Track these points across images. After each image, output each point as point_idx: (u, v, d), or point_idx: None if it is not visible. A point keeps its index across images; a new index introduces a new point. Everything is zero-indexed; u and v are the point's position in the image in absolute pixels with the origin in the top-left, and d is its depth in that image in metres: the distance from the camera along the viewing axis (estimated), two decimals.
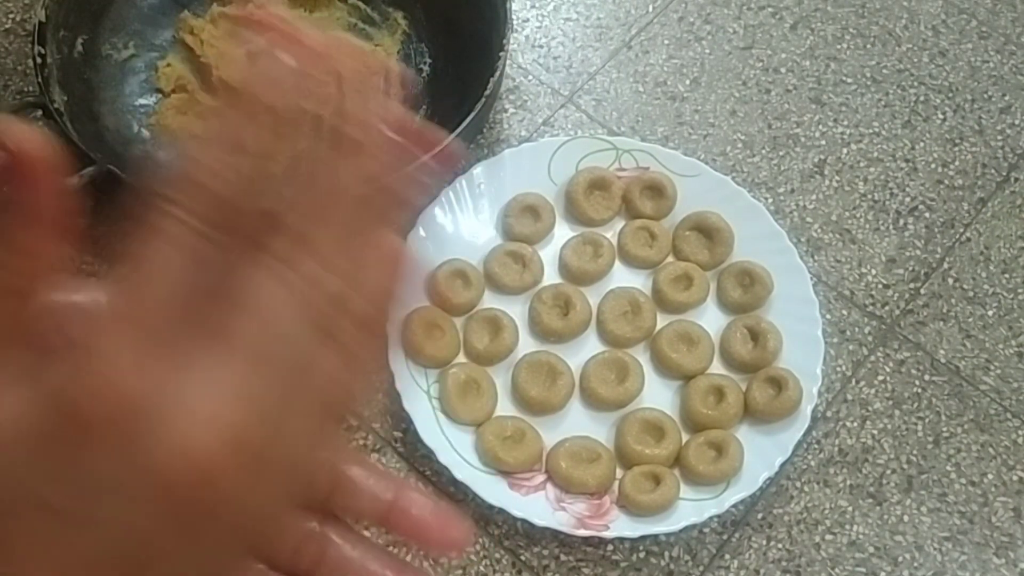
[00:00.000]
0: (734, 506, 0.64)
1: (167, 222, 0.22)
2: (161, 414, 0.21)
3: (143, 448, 0.21)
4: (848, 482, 0.68)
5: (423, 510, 0.30)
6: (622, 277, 0.72)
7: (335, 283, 0.22)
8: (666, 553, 0.65)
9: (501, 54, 0.72)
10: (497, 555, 0.64)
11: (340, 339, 0.23)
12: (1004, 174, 0.80)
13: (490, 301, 0.71)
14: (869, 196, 0.78)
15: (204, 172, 0.22)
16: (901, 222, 0.77)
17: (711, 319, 0.71)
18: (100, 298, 0.24)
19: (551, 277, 0.72)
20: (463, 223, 0.73)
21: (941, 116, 0.82)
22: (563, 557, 0.65)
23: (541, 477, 0.65)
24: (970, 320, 0.74)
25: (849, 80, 0.84)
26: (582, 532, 0.63)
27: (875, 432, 0.69)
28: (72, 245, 0.23)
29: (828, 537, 0.66)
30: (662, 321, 0.70)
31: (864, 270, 0.75)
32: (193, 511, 0.21)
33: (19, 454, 0.21)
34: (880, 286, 0.75)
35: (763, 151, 0.80)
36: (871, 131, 0.81)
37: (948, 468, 0.69)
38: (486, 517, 0.65)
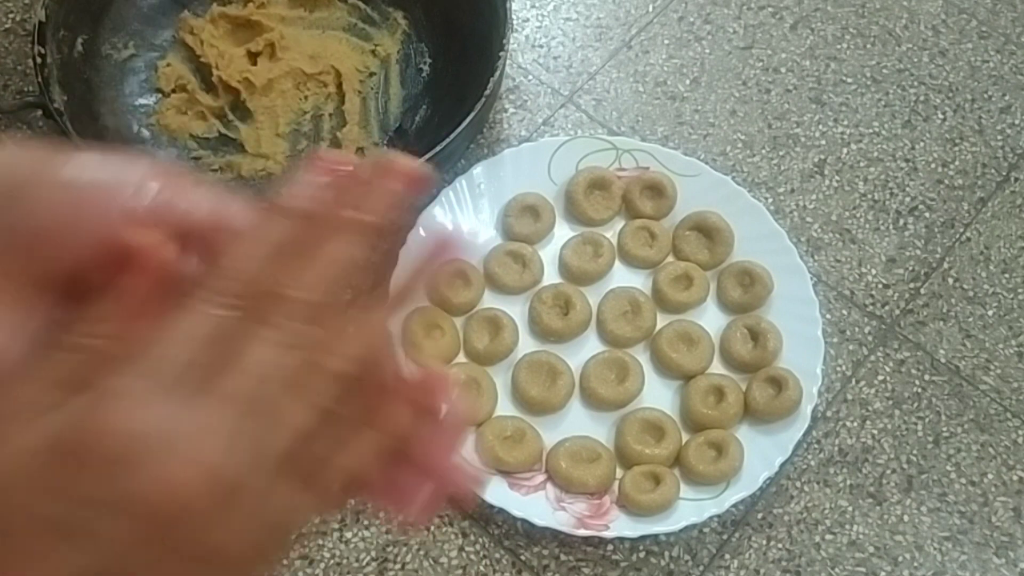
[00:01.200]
0: (734, 506, 0.64)
1: (198, 299, 0.26)
2: (151, 451, 0.24)
3: (132, 477, 0.24)
4: (848, 482, 0.68)
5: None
6: (622, 277, 0.72)
7: (317, 352, 0.27)
8: (666, 553, 0.65)
9: (501, 54, 0.72)
10: (497, 555, 0.64)
11: (311, 397, 0.27)
12: (1004, 174, 0.80)
13: (490, 301, 0.71)
14: (869, 196, 0.78)
15: (240, 262, 0.27)
16: (901, 222, 0.77)
17: (711, 319, 0.71)
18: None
19: (551, 277, 0.72)
20: (463, 223, 0.73)
21: (941, 116, 0.82)
22: (563, 557, 0.65)
23: (541, 477, 0.65)
24: (970, 320, 0.74)
25: (849, 80, 0.84)
26: (582, 532, 0.63)
27: (875, 432, 0.69)
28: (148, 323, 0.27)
29: (828, 537, 0.66)
30: (662, 321, 0.70)
31: (864, 270, 0.75)
32: (169, 533, 0.25)
33: (25, 475, 0.25)
34: (880, 286, 0.75)
35: (763, 151, 0.80)
36: (871, 131, 0.81)
37: (948, 468, 0.69)
38: (486, 517, 0.65)
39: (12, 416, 0.26)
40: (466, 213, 0.73)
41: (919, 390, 0.71)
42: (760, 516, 0.66)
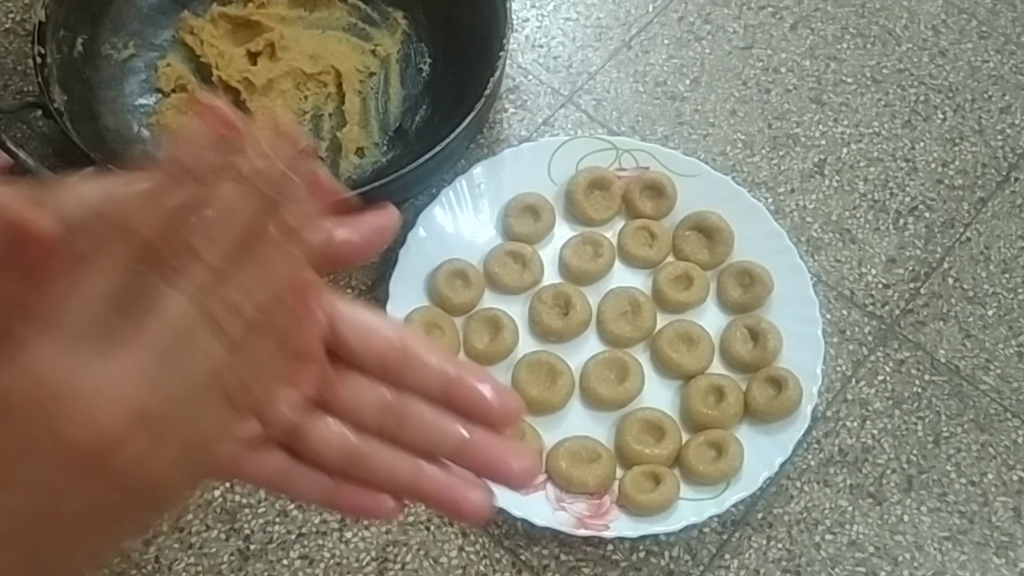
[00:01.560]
0: (734, 506, 0.64)
1: (95, 254, 0.28)
2: (73, 395, 0.26)
3: (57, 421, 0.26)
4: (848, 482, 0.68)
5: (484, 382, 0.34)
6: (622, 277, 0.72)
7: (231, 294, 0.29)
8: (666, 553, 0.65)
9: (501, 54, 0.72)
10: (497, 555, 0.64)
11: (232, 337, 0.29)
12: (1004, 174, 0.80)
13: (490, 301, 0.71)
14: (869, 196, 0.78)
15: (131, 217, 0.28)
16: (901, 222, 0.77)
17: (711, 319, 0.71)
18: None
19: (551, 277, 0.72)
20: (463, 223, 0.73)
21: (941, 116, 0.82)
22: (563, 557, 0.65)
23: (541, 477, 0.65)
24: (970, 320, 0.74)
25: (849, 80, 0.84)
26: (582, 532, 0.63)
27: (875, 432, 0.69)
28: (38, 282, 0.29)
29: (828, 537, 0.66)
30: (662, 321, 0.70)
31: (864, 270, 0.75)
32: (97, 472, 0.27)
33: None
34: (880, 286, 0.75)
35: (763, 151, 0.80)
36: (871, 131, 0.81)
37: (948, 468, 0.69)
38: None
39: None
40: (466, 213, 0.73)
41: (919, 390, 0.71)
42: (760, 516, 0.66)
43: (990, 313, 0.74)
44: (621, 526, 0.63)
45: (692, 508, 0.63)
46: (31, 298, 0.28)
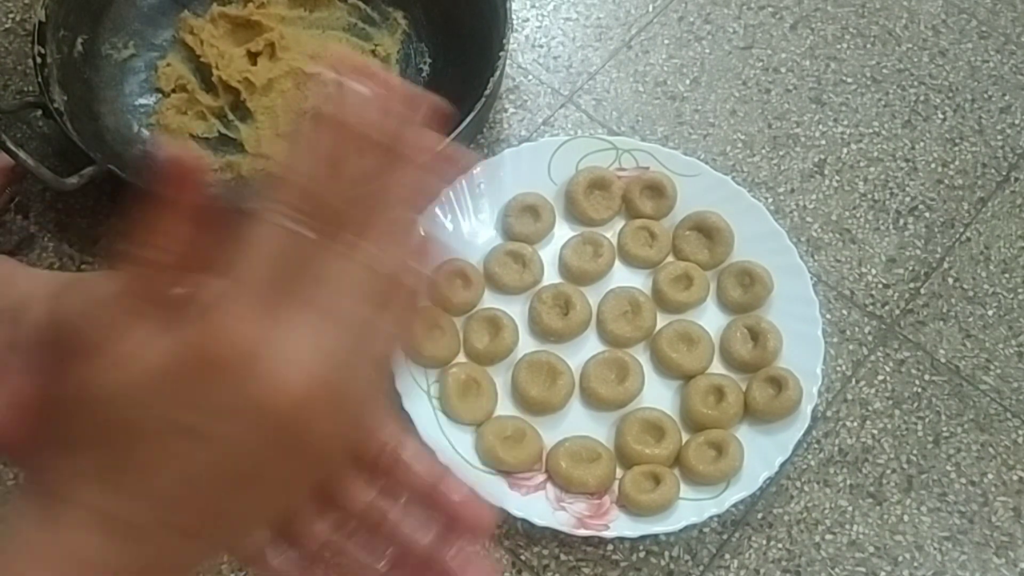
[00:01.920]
0: (734, 506, 0.64)
1: (268, 213, 0.29)
2: (266, 358, 0.28)
3: (252, 382, 0.28)
4: (848, 482, 0.68)
5: (462, 495, 0.36)
6: (622, 277, 0.72)
7: (390, 264, 0.30)
8: (666, 553, 0.65)
9: (501, 54, 0.72)
10: (497, 555, 0.64)
11: (393, 307, 0.30)
12: (1004, 174, 0.80)
13: (490, 301, 0.71)
14: (869, 196, 0.78)
15: (298, 176, 0.29)
16: (901, 222, 0.77)
17: (711, 319, 0.71)
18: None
19: (551, 277, 0.72)
20: (463, 223, 0.73)
21: (941, 116, 0.82)
22: (563, 557, 0.65)
23: (541, 477, 0.65)
24: (970, 320, 0.74)
25: (849, 80, 0.84)
26: (582, 532, 0.63)
27: (875, 432, 0.69)
28: (205, 235, 0.30)
29: (828, 537, 0.66)
30: (662, 321, 0.70)
31: (864, 270, 0.75)
32: (286, 432, 0.28)
33: (155, 386, 0.28)
34: (880, 286, 0.75)
35: (763, 151, 0.80)
36: (871, 131, 0.81)
37: (948, 468, 0.69)
38: None
39: (119, 332, 0.29)
40: (466, 213, 0.73)
41: (919, 390, 0.71)
42: (760, 516, 0.66)
43: (990, 313, 0.74)
44: (621, 526, 0.63)
45: (692, 508, 0.63)
46: (204, 245, 0.29)
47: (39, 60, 0.71)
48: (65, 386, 0.30)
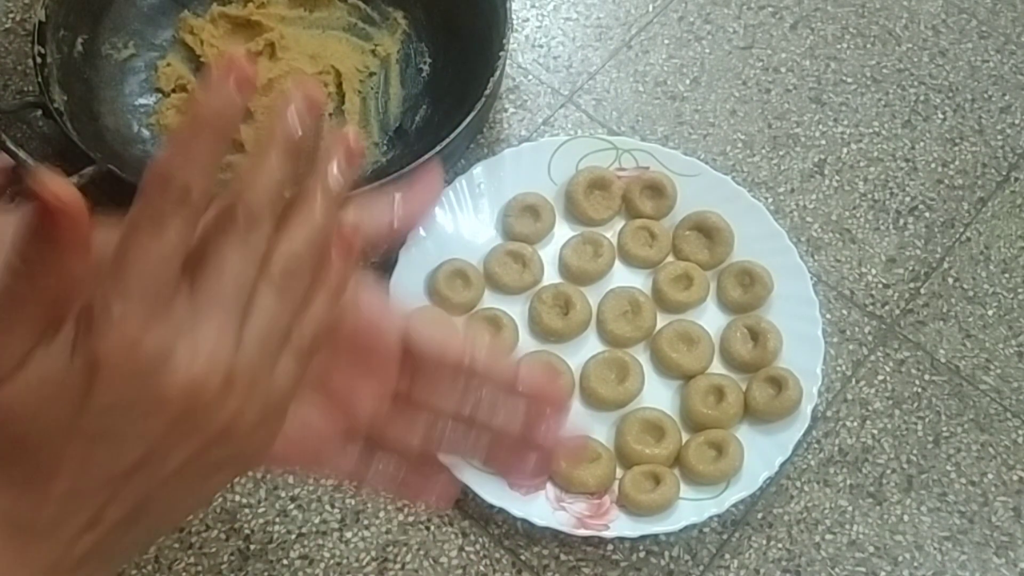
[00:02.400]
0: (734, 506, 0.64)
1: (141, 210, 0.29)
2: (163, 355, 0.29)
3: (159, 383, 0.29)
4: (848, 482, 0.68)
5: (537, 380, 0.41)
6: (622, 277, 0.72)
7: (287, 250, 0.31)
8: (666, 553, 0.65)
9: (501, 54, 0.72)
10: (497, 555, 0.64)
11: (293, 293, 0.32)
12: (1004, 174, 0.80)
13: (490, 301, 0.71)
14: (869, 196, 0.78)
15: (165, 168, 0.30)
16: (901, 222, 0.77)
17: (711, 319, 0.71)
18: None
19: (551, 277, 0.72)
20: (463, 223, 0.73)
21: (941, 116, 0.82)
22: (563, 557, 0.65)
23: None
24: (970, 320, 0.74)
25: (849, 80, 0.84)
26: (582, 532, 0.63)
27: (875, 432, 0.69)
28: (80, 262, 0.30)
29: (828, 537, 0.66)
30: (662, 321, 0.70)
31: (864, 270, 0.75)
32: (196, 428, 0.30)
33: (53, 396, 0.29)
34: (880, 286, 0.75)
35: (763, 151, 0.80)
36: (871, 131, 0.81)
37: (948, 468, 0.69)
38: (486, 517, 0.65)
39: (10, 343, 0.30)
40: (466, 213, 0.73)
41: (919, 390, 0.71)
42: (760, 516, 0.66)
43: (990, 313, 0.74)
44: (621, 526, 0.63)
45: (692, 508, 0.63)
46: (89, 271, 0.30)
47: (39, 60, 0.71)
48: None
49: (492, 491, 0.63)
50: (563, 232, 0.73)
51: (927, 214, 0.78)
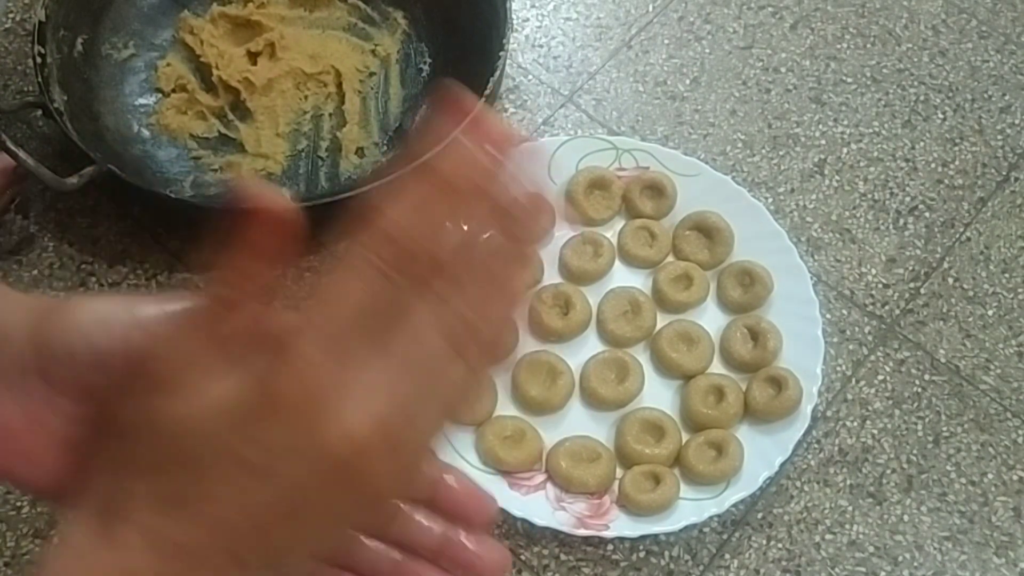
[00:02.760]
0: (734, 506, 0.64)
1: (358, 260, 0.29)
2: (333, 401, 0.29)
3: (317, 424, 0.29)
4: (848, 482, 0.68)
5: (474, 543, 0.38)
6: (622, 277, 0.72)
7: (471, 315, 0.30)
8: (666, 553, 0.65)
9: (501, 54, 0.72)
10: None
11: (468, 358, 0.31)
12: (1004, 174, 0.80)
13: None
14: (869, 196, 0.78)
15: (392, 226, 0.30)
16: (901, 222, 0.77)
17: (711, 319, 0.71)
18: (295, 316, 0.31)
19: (551, 277, 0.72)
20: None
21: (941, 116, 0.82)
22: (563, 557, 0.65)
23: (541, 477, 0.65)
24: (970, 320, 0.74)
25: (849, 80, 0.84)
26: (582, 532, 0.63)
27: (875, 432, 0.69)
28: (282, 274, 0.31)
29: (828, 537, 0.66)
30: (662, 321, 0.70)
31: (864, 270, 0.75)
32: (341, 475, 0.29)
33: (225, 421, 0.29)
34: (880, 286, 0.75)
35: (763, 151, 0.80)
36: (871, 131, 0.81)
37: (948, 468, 0.69)
38: None
39: (191, 367, 0.30)
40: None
41: (919, 390, 0.71)
42: (760, 516, 0.66)
43: (990, 313, 0.74)
44: (621, 526, 0.63)
45: (692, 508, 0.63)
46: (275, 283, 0.31)
47: (39, 60, 0.71)
48: (122, 413, 0.31)
49: (492, 491, 0.63)
50: (563, 232, 0.73)
51: (927, 214, 0.78)
